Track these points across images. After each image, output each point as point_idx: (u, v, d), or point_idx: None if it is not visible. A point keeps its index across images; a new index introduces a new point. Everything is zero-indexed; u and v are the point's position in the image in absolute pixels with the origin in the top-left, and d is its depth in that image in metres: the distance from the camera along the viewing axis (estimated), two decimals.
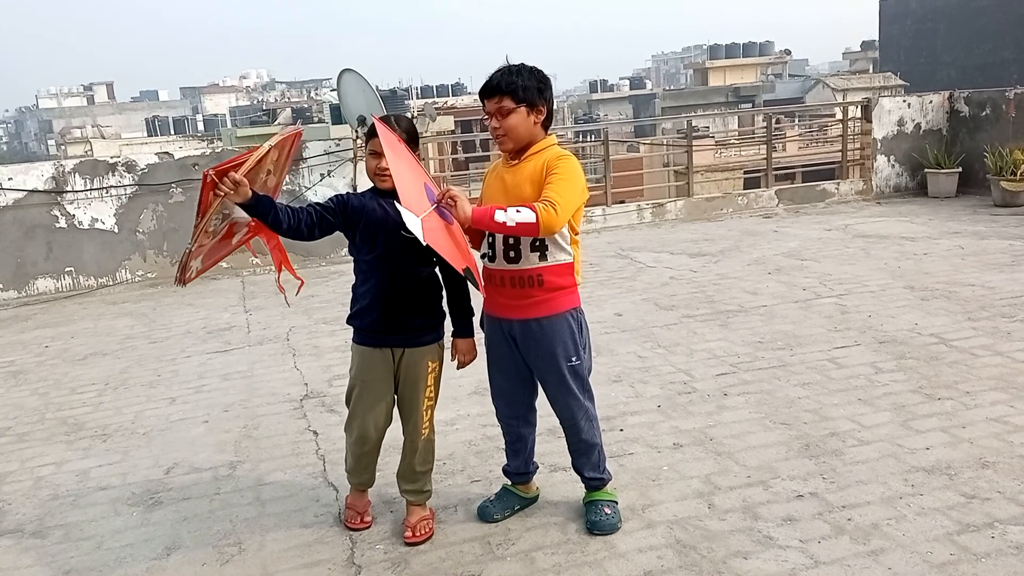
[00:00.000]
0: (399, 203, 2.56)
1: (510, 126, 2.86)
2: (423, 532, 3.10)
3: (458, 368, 3.19)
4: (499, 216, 2.68)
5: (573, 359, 2.98)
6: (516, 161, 2.93)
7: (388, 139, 2.78)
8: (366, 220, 2.98)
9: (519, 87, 2.84)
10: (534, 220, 2.68)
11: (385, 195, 2.97)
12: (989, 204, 9.68)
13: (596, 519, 3.05)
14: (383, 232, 2.95)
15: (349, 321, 3.12)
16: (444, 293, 3.12)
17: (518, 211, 2.69)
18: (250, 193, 2.69)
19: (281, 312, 6.75)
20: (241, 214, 2.85)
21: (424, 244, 2.54)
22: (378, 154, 2.92)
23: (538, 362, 2.99)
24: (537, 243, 2.86)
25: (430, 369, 3.09)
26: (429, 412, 3.13)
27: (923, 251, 7.44)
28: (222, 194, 2.63)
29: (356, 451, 3.15)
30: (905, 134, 10.88)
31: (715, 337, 5.30)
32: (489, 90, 2.87)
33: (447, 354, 3.18)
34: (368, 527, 3.20)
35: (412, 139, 3.05)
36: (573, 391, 3.00)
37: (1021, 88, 10.47)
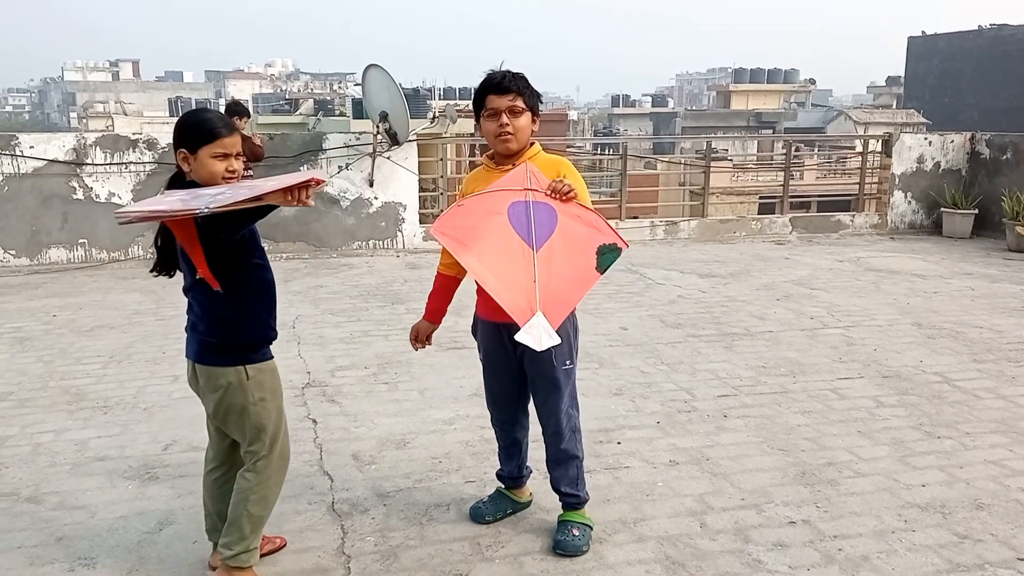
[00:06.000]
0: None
1: (520, 126, 2.87)
2: None
3: None
4: None
5: (567, 363, 2.98)
6: (509, 165, 2.91)
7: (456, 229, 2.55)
8: None
9: (529, 92, 2.88)
10: None
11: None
12: (1003, 248, 9.66)
13: (562, 539, 3.00)
14: None
15: None
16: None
17: None
18: None
19: (288, 300, 6.77)
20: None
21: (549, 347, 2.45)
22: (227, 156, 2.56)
23: (532, 365, 2.98)
24: None
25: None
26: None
27: (933, 289, 7.43)
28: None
29: None
30: (924, 171, 10.87)
31: (719, 358, 5.30)
32: (502, 88, 2.84)
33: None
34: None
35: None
36: (562, 396, 2.98)
37: None
